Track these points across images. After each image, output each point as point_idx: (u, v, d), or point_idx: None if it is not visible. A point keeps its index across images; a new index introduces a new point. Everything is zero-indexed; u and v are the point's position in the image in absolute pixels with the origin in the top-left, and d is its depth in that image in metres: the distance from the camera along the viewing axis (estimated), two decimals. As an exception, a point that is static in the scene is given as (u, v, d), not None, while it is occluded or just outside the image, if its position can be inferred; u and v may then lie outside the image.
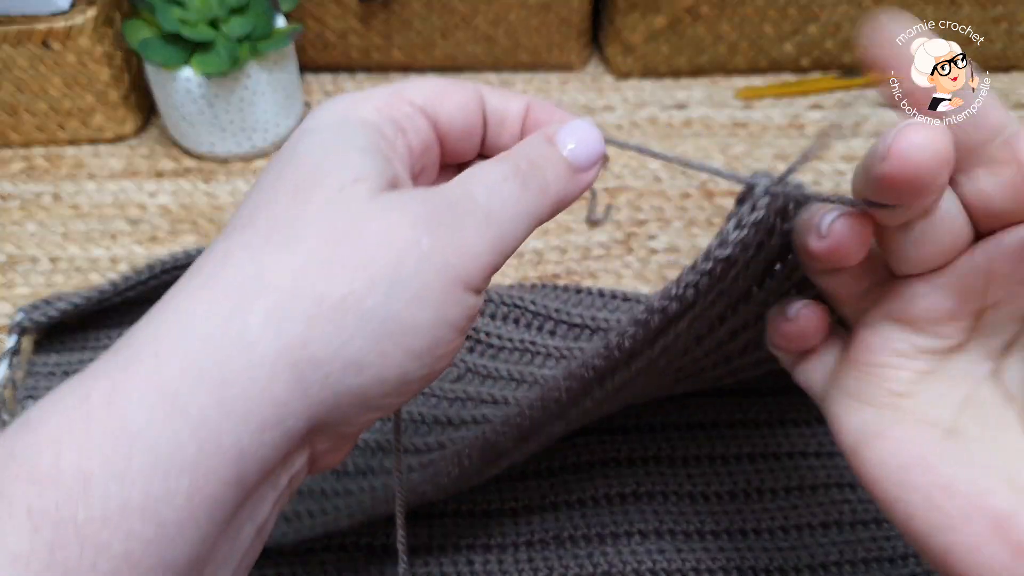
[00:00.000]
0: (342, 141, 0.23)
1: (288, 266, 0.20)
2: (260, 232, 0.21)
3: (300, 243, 0.21)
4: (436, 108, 0.25)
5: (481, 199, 0.23)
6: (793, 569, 0.37)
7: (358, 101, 0.24)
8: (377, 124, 0.24)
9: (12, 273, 0.52)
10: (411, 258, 0.21)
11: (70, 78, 0.56)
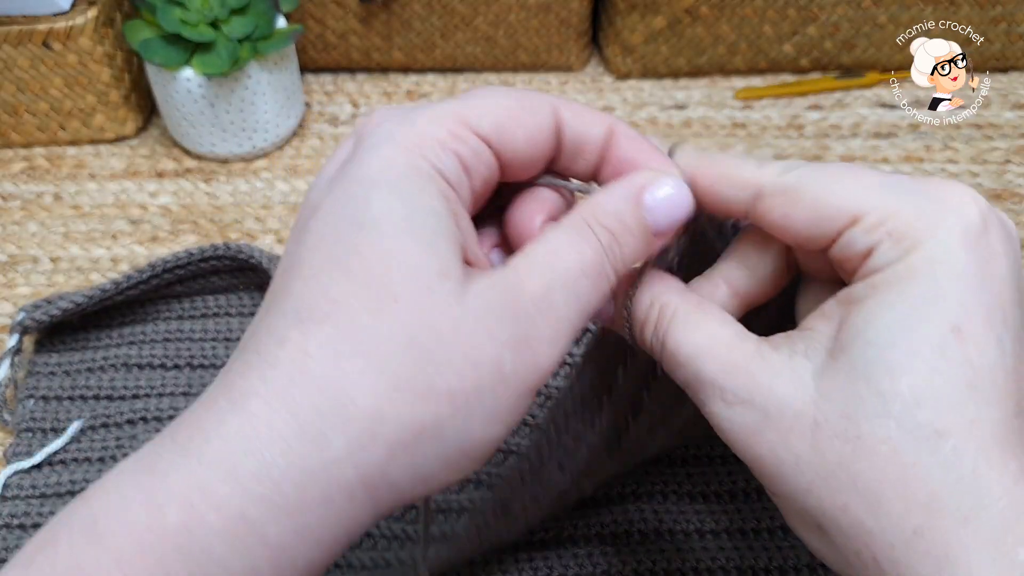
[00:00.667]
0: (420, 216, 0.21)
1: (374, 388, 0.20)
2: (342, 334, 0.20)
3: (387, 361, 0.20)
4: (504, 140, 0.23)
5: (559, 303, 0.22)
6: (792, 568, 0.37)
7: (422, 135, 0.22)
8: (446, 173, 0.22)
9: (13, 273, 0.52)
10: (494, 381, 0.21)
11: (71, 78, 0.57)
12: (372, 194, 0.21)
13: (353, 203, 0.21)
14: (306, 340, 0.20)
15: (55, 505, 0.41)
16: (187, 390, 0.45)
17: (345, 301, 0.20)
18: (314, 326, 0.20)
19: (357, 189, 0.21)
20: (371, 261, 0.21)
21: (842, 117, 0.60)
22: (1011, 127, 0.59)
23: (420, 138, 0.22)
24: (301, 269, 0.21)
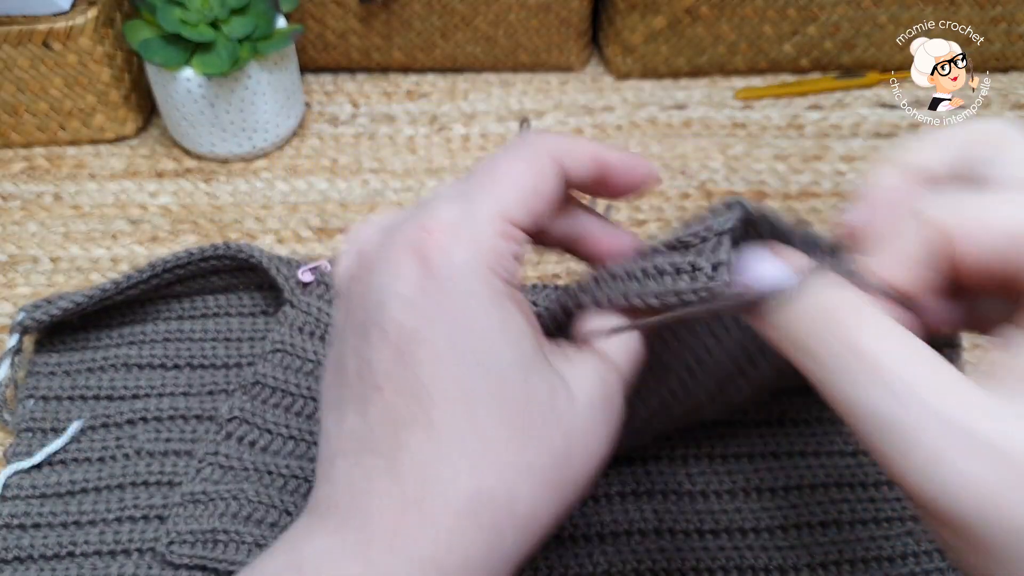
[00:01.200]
0: (525, 343, 0.25)
1: (532, 495, 0.25)
2: (503, 462, 0.24)
3: (538, 473, 0.24)
4: (536, 219, 0.26)
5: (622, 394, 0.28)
6: (792, 568, 0.37)
7: (491, 250, 0.25)
8: (512, 279, 0.26)
9: (13, 273, 0.52)
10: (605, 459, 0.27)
11: (71, 78, 0.57)
12: (482, 329, 0.24)
13: (465, 337, 0.24)
14: (474, 467, 0.24)
15: (55, 505, 0.41)
16: (187, 390, 0.45)
17: (494, 431, 0.24)
18: (476, 453, 0.24)
19: (461, 324, 0.24)
20: (505, 393, 0.24)
21: (842, 117, 0.60)
22: (1011, 127, 0.59)
23: (495, 256, 0.25)
24: (434, 399, 0.24)
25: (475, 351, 0.24)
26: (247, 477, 0.40)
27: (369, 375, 0.25)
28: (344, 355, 0.26)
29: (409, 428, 0.24)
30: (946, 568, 0.37)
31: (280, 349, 0.43)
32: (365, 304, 0.26)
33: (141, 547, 0.39)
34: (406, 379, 0.24)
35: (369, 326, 0.25)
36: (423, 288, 0.25)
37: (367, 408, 0.25)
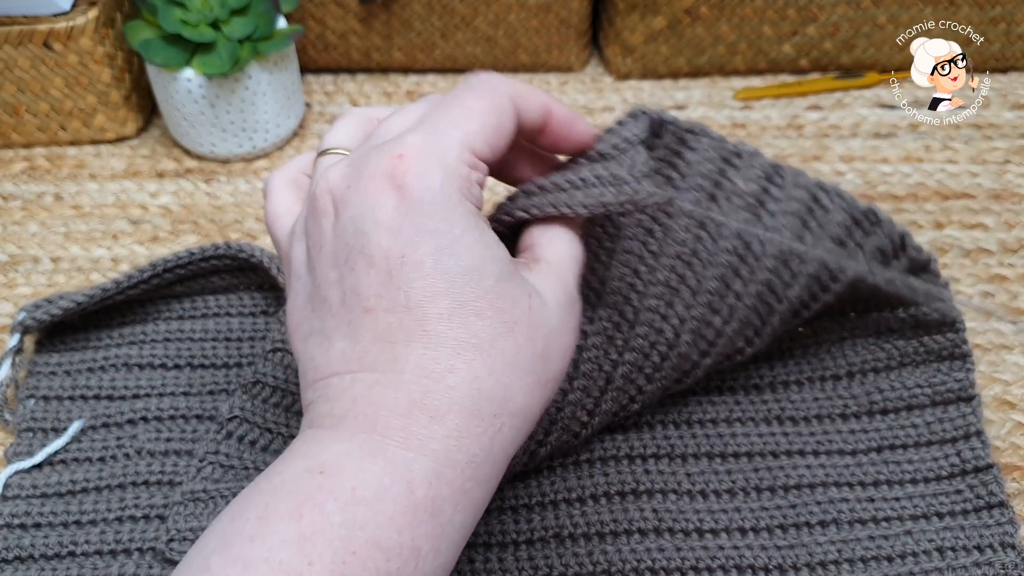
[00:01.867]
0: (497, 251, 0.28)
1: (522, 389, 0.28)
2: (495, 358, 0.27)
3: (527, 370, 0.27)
4: (494, 151, 0.29)
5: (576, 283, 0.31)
6: (791, 567, 0.37)
7: (460, 175, 0.28)
8: (478, 202, 0.28)
9: (14, 273, 0.52)
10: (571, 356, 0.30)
11: (71, 79, 0.57)
12: (461, 245, 0.27)
13: (448, 255, 0.26)
14: (472, 368, 0.26)
15: (56, 505, 0.41)
16: (187, 390, 0.45)
17: (486, 334, 0.26)
18: (472, 355, 0.26)
19: (444, 243, 0.27)
20: (492, 301, 0.27)
21: (842, 117, 0.60)
22: (1011, 127, 0.59)
23: (463, 181, 0.27)
24: (427, 312, 0.26)
25: (460, 265, 0.26)
26: (247, 476, 0.40)
27: (356, 300, 0.27)
28: (321, 287, 0.28)
29: (406, 342, 0.26)
30: (946, 568, 0.37)
31: (280, 348, 0.44)
32: (341, 237, 0.27)
33: (142, 547, 0.39)
34: (397, 298, 0.26)
35: (353, 256, 0.27)
36: (403, 212, 0.26)
37: (357, 331, 0.27)
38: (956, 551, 0.37)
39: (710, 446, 0.41)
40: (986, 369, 0.45)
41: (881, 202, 0.54)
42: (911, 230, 0.52)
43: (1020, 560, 0.37)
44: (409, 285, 0.26)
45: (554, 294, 0.29)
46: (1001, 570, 0.36)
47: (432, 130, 0.28)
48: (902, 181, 0.56)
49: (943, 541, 0.38)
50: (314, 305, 0.28)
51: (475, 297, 0.26)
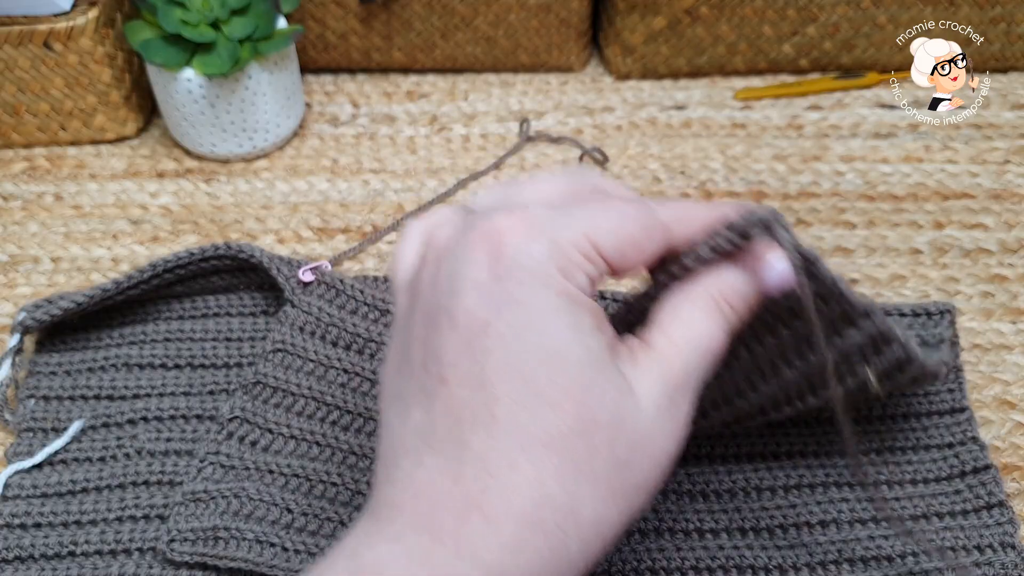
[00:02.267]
0: (591, 341, 0.25)
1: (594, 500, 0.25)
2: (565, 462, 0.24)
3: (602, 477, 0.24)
4: (622, 262, 0.26)
5: (695, 383, 0.27)
6: (791, 567, 0.37)
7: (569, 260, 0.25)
8: (586, 291, 0.25)
9: (14, 273, 0.52)
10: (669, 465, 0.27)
11: (71, 79, 0.57)
12: (550, 325, 0.24)
13: (533, 332, 0.24)
14: (537, 468, 0.23)
15: (56, 505, 0.41)
16: (188, 390, 0.45)
17: (558, 431, 0.24)
18: (539, 453, 0.23)
19: (531, 317, 0.24)
20: (571, 393, 0.24)
21: (842, 117, 0.60)
22: (1011, 127, 0.59)
23: (567, 263, 0.25)
24: (497, 393, 0.24)
25: (543, 346, 0.24)
26: (248, 476, 0.40)
27: (435, 366, 0.25)
28: (409, 345, 0.26)
29: (472, 425, 0.24)
30: (946, 568, 0.37)
31: (281, 349, 0.44)
32: (436, 291, 0.25)
33: (142, 547, 0.39)
34: (472, 371, 0.24)
35: (439, 314, 0.25)
36: (497, 276, 0.24)
37: (432, 402, 0.25)
38: (956, 551, 0.37)
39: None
40: (986, 369, 0.45)
41: (881, 202, 0.54)
42: (911, 230, 0.52)
43: (1020, 560, 0.37)
44: (486, 357, 0.24)
45: (652, 394, 0.25)
46: (1001, 570, 0.36)
47: (562, 210, 0.26)
48: (902, 181, 0.56)
49: (943, 541, 0.38)
50: (400, 364, 0.27)
51: (553, 385, 0.24)
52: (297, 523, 0.39)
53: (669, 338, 0.26)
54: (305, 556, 0.37)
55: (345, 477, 0.40)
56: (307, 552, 0.38)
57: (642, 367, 0.26)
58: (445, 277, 0.25)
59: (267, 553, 0.37)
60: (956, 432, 0.41)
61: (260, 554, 0.37)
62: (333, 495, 0.40)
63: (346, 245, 0.53)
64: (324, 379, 0.43)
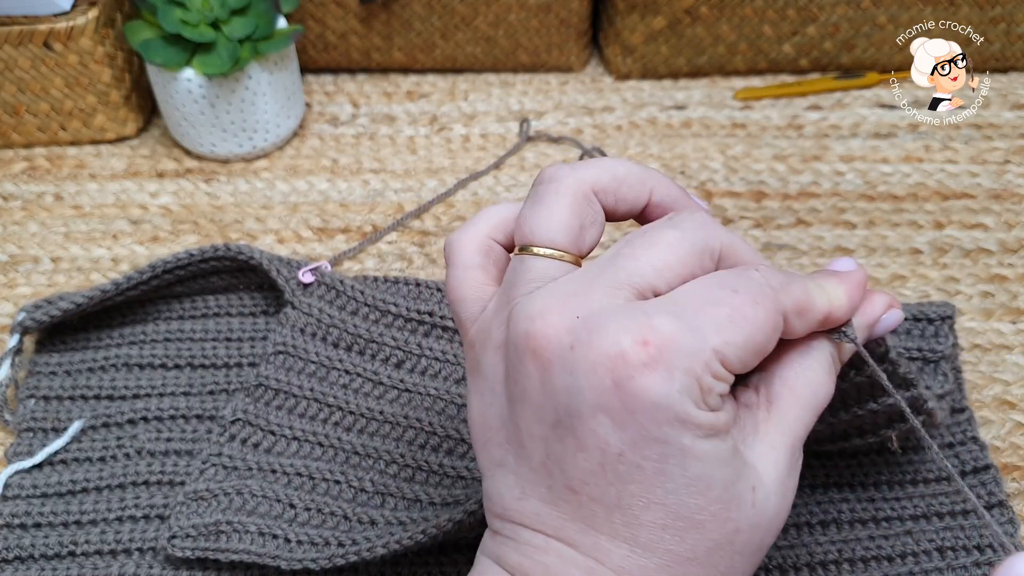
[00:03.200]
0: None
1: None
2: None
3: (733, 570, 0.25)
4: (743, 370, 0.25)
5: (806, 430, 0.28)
6: (792, 567, 0.37)
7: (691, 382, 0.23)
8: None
9: (14, 273, 0.52)
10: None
11: (71, 79, 0.57)
12: (688, 456, 0.23)
13: (674, 466, 0.23)
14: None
15: (56, 505, 0.41)
16: (188, 390, 0.45)
17: (703, 547, 0.24)
18: (683, 569, 0.24)
19: (670, 453, 0.23)
20: (715, 514, 0.24)
21: (842, 117, 0.60)
22: (1011, 127, 0.59)
23: (701, 392, 0.24)
24: (639, 520, 0.24)
25: (686, 476, 0.23)
26: (251, 477, 0.40)
27: (560, 473, 0.24)
28: (521, 431, 0.25)
29: (611, 537, 0.24)
30: (945, 568, 0.37)
31: (282, 351, 0.44)
32: (552, 399, 0.24)
33: (142, 547, 0.39)
34: (608, 493, 0.24)
35: (561, 428, 0.24)
36: (629, 409, 0.23)
37: (557, 502, 0.25)
38: (956, 551, 0.37)
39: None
40: (986, 369, 0.45)
41: (881, 202, 0.54)
42: (911, 230, 0.52)
43: (1020, 560, 0.37)
44: (623, 485, 0.23)
45: (778, 469, 0.26)
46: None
47: (690, 324, 0.23)
48: (902, 181, 0.56)
49: (943, 541, 0.38)
50: (509, 437, 0.26)
51: (698, 510, 0.24)
52: (300, 517, 0.38)
53: (791, 390, 0.26)
54: (308, 546, 0.37)
55: (348, 475, 0.40)
56: (310, 542, 0.37)
57: (764, 434, 0.26)
58: (563, 387, 0.24)
59: (270, 544, 0.37)
60: (956, 432, 0.41)
61: (263, 545, 0.37)
62: (337, 492, 0.40)
63: (346, 245, 0.53)
64: (326, 380, 0.43)
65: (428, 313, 0.45)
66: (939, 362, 0.41)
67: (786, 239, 0.52)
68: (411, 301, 0.46)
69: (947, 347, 0.42)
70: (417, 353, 0.44)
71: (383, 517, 0.38)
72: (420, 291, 0.47)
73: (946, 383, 0.40)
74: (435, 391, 0.43)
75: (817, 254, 0.51)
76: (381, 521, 0.38)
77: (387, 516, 0.38)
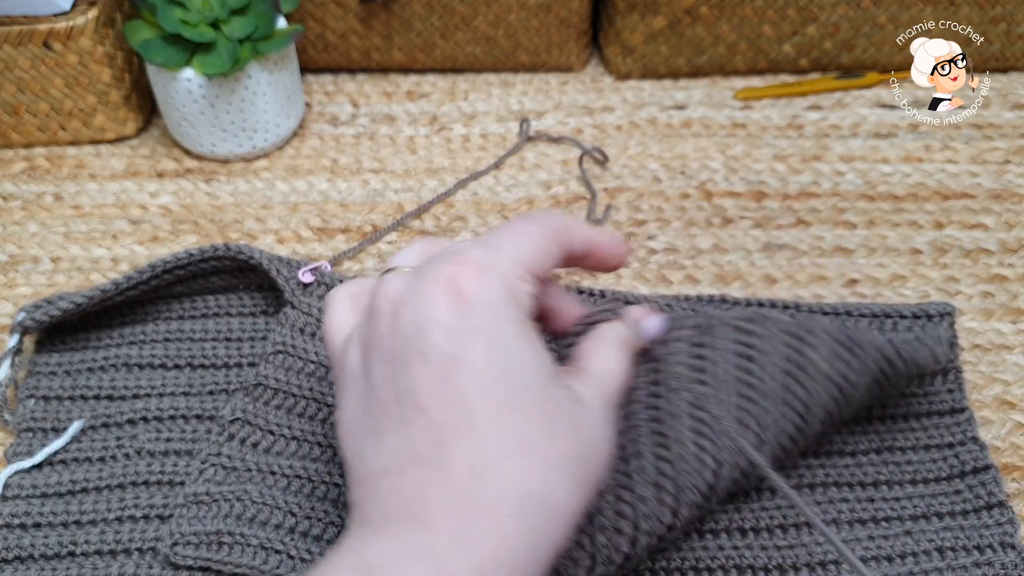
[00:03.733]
0: (543, 357, 0.29)
1: (566, 490, 0.28)
2: (543, 460, 0.28)
3: (570, 471, 0.28)
4: (542, 270, 0.31)
5: (615, 398, 0.33)
6: (791, 567, 0.37)
7: (516, 291, 0.29)
8: (529, 312, 0.30)
9: (14, 273, 0.52)
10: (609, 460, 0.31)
11: (71, 79, 0.57)
12: (512, 348, 0.28)
13: (499, 356, 0.28)
14: (518, 467, 0.27)
15: (56, 505, 0.41)
16: (187, 390, 0.45)
17: (531, 435, 0.27)
18: (518, 455, 0.27)
19: (496, 343, 0.28)
20: (537, 402, 0.28)
21: (842, 117, 0.60)
22: (1011, 127, 0.59)
23: (515, 290, 0.29)
24: (475, 411, 0.27)
25: (509, 368, 0.28)
26: (250, 478, 0.40)
27: (409, 398, 0.28)
28: (373, 389, 0.29)
29: (455, 439, 0.27)
30: (945, 568, 0.37)
31: (281, 351, 0.44)
32: (398, 337, 0.28)
33: (142, 547, 0.39)
34: (449, 396, 0.27)
35: (407, 354, 0.28)
36: (461, 314, 0.28)
37: (408, 428, 0.27)
38: (956, 551, 0.37)
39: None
40: (986, 369, 0.45)
41: (881, 202, 0.54)
42: (911, 230, 0.52)
43: (1020, 560, 0.37)
44: (461, 383, 0.27)
45: (594, 402, 0.31)
46: (1001, 570, 0.36)
47: (491, 246, 0.30)
48: (902, 181, 0.56)
49: (943, 541, 0.38)
50: (368, 405, 0.29)
51: (522, 398, 0.28)
52: (300, 527, 0.38)
53: (595, 366, 0.33)
54: (310, 564, 0.37)
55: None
56: (312, 561, 0.38)
57: (584, 383, 0.31)
58: (408, 323, 0.28)
59: (272, 560, 0.37)
60: (956, 432, 0.41)
61: (265, 561, 0.37)
62: (336, 496, 0.40)
63: (346, 245, 0.53)
64: (325, 380, 0.43)
65: (428, 313, 0.45)
66: (938, 344, 0.41)
67: (786, 239, 0.52)
68: (411, 301, 0.46)
69: (946, 334, 0.42)
70: None
71: None
72: (420, 291, 0.47)
73: (946, 355, 0.41)
74: None
75: (817, 254, 0.51)
76: None
77: None
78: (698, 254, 0.52)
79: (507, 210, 0.55)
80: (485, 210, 0.55)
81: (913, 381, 0.42)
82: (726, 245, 0.52)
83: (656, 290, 0.50)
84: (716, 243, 0.52)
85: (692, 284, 0.50)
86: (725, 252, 0.52)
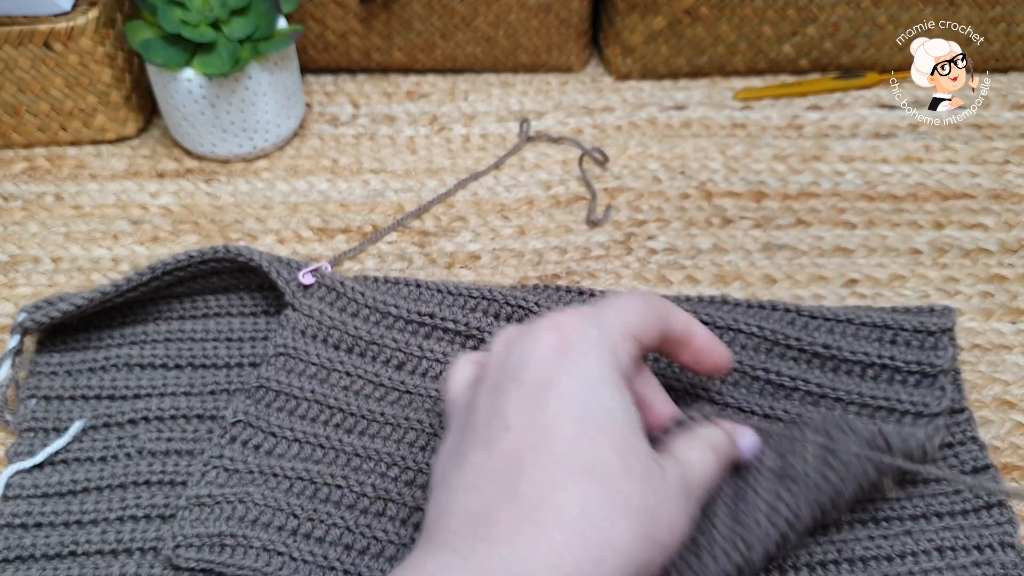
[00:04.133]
0: (633, 411, 0.31)
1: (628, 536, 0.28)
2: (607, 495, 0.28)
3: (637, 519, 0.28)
4: (645, 339, 0.33)
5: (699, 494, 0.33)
6: (791, 567, 0.37)
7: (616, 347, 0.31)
8: (627, 373, 0.32)
9: (14, 273, 0.52)
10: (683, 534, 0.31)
11: (72, 79, 0.57)
12: (601, 389, 0.30)
13: (587, 391, 0.30)
14: (583, 491, 0.28)
15: (57, 505, 0.41)
16: (188, 390, 0.45)
17: (602, 465, 0.28)
18: (585, 481, 0.28)
19: (588, 378, 0.30)
20: (614, 441, 0.29)
21: (842, 117, 0.60)
22: (1011, 127, 0.59)
23: (615, 344, 0.31)
24: (553, 434, 0.29)
25: (596, 402, 0.29)
26: (252, 480, 0.40)
27: (499, 419, 0.29)
28: (473, 415, 0.31)
29: (532, 458, 0.28)
30: (945, 568, 0.37)
31: (283, 353, 0.44)
32: (504, 369, 0.31)
33: (143, 547, 0.39)
34: (534, 417, 0.29)
35: (507, 383, 0.30)
36: (560, 351, 0.30)
37: (492, 446, 0.29)
38: (956, 551, 0.37)
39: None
40: (986, 369, 0.45)
41: (881, 202, 0.54)
42: (911, 230, 0.52)
43: (1020, 560, 0.37)
44: (547, 406, 0.29)
45: (674, 477, 0.31)
46: (1001, 570, 0.37)
47: (596, 310, 0.32)
48: (902, 181, 0.56)
49: (943, 541, 0.38)
50: (463, 433, 0.31)
51: (602, 433, 0.29)
52: (303, 529, 0.39)
53: (684, 456, 0.32)
54: (313, 567, 0.37)
55: (350, 480, 0.40)
56: (315, 563, 0.38)
57: (668, 460, 0.31)
58: (515, 357, 0.31)
59: (275, 562, 0.37)
60: (956, 432, 0.41)
61: (268, 563, 0.37)
62: (338, 498, 0.40)
63: (346, 245, 0.53)
64: (326, 382, 0.43)
65: (429, 315, 0.45)
66: (937, 376, 0.41)
67: (786, 239, 0.52)
68: (411, 303, 0.46)
69: (946, 361, 0.41)
70: (418, 355, 0.44)
71: (384, 532, 0.38)
72: (420, 293, 0.47)
73: (943, 399, 0.40)
74: (435, 393, 0.43)
75: (817, 254, 0.51)
76: (383, 537, 0.38)
77: (387, 529, 0.38)
78: (698, 254, 0.52)
79: (507, 210, 0.55)
80: (485, 210, 0.55)
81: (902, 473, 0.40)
82: (726, 245, 0.52)
83: (656, 290, 0.50)
84: (716, 243, 0.52)
85: (692, 284, 0.50)
86: (725, 252, 0.52)
